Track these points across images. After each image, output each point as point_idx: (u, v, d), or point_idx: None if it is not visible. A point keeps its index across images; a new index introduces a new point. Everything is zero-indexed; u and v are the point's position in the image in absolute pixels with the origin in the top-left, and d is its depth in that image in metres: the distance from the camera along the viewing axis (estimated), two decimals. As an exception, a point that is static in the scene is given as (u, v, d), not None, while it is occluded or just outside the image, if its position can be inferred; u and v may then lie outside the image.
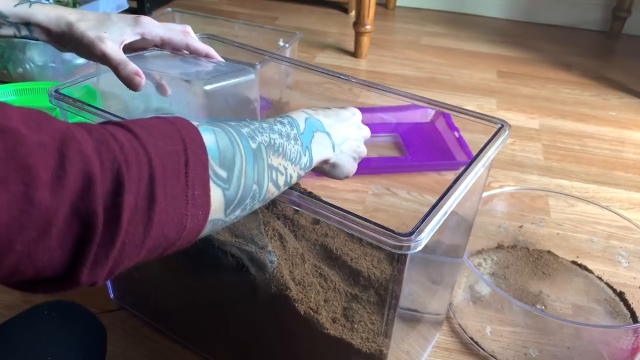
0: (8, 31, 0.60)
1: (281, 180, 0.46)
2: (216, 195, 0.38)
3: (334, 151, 0.53)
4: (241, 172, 0.41)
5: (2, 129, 0.27)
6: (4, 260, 0.28)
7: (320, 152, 0.51)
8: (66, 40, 0.61)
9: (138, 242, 0.33)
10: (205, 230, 0.39)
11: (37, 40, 0.62)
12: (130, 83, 0.59)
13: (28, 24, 0.60)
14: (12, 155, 0.27)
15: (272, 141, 0.45)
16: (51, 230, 0.28)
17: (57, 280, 0.31)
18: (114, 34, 0.61)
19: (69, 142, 0.30)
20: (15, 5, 0.59)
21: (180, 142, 0.36)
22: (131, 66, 0.59)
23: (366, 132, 0.60)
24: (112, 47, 0.60)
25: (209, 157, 0.38)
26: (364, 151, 0.59)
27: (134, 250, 0.33)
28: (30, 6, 0.60)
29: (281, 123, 0.48)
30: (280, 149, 0.45)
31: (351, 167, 0.58)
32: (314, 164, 0.51)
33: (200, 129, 0.39)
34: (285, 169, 0.46)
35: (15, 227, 0.27)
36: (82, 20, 0.60)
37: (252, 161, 0.42)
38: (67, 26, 0.60)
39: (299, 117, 0.51)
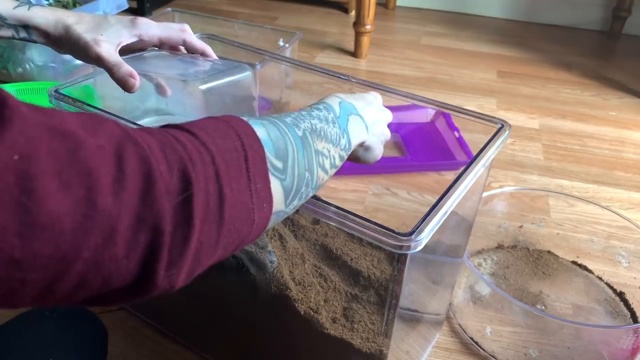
0: (6, 33, 0.61)
1: (327, 164, 0.46)
2: (276, 186, 0.39)
3: (367, 133, 0.54)
4: (294, 162, 0.41)
5: (62, 132, 0.27)
6: (71, 268, 0.27)
7: (356, 134, 0.52)
8: (63, 42, 0.61)
9: (213, 241, 0.33)
10: (270, 223, 0.39)
11: (35, 42, 0.62)
12: (124, 85, 0.59)
13: (26, 26, 0.60)
14: (73, 160, 0.26)
15: (314, 126, 0.45)
16: (116, 236, 0.28)
17: (131, 287, 0.30)
18: (111, 36, 0.61)
19: (125, 145, 0.29)
20: (14, 8, 0.60)
21: (236, 138, 0.37)
22: (125, 68, 0.59)
23: (389, 115, 0.60)
24: (108, 49, 0.60)
25: (265, 150, 0.38)
26: (389, 134, 0.60)
27: (210, 249, 0.33)
28: (29, 9, 0.60)
29: (317, 109, 0.48)
30: (322, 133, 0.46)
31: (379, 150, 0.58)
32: (353, 146, 0.52)
33: (250, 123, 0.40)
34: (329, 151, 0.46)
35: (81, 233, 0.26)
36: (79, 23, 0.61)
37: (301, 149, 0.42)
38: (65, 29, 0.60)
39: (333, 101, 0.51)
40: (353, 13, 2.23)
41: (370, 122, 0.54)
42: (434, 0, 2.40)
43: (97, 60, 0.60)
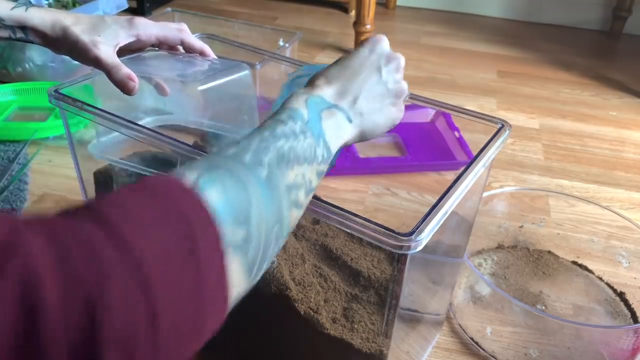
0: (3, 33, 0.61)
1: (302, 195, 0.40)
2: (235, 267, 0.33)
3: (350, 122, 0.47)
4: (259, 220, 0.34)
5: None
6: None
7: (335, 133, 0.45)
8: (61, 44, 0.61)
9: None
10: (229, 308, 0.35)
11: (32, 42, 0.62)
12: (123, 87, 0.59)
13: (24, 27, 0.60)
14: None
15: (280, 152, 0.38)
16: None
17: None
18: (108, 37, 0.61)
19: (9, 257, 0.22)
20: (12, 9, 0.59)
21: (179, 222, 0.29)
22: (124, 70, 0.59)
23: (395, 63, 0.50)
24: (106, 51, 0.60)
25: (221, 223, 0.31)
26: (401, 87, 0.50)
27: None
28: (26, 10, 0.60)
29: (281, 122, 0.41)
30: (292, 156, 0.39)
31: (388, 117, 0.50)
32: (334, 149, 0.45)
33: (200, 184, 0.32)
34: (304, 176, 0.40)
35: None
36: (76, 24, 0.60)
37: (268, 197, 0.36)
38: (62, 30, 0.60)
39: (298, 103, 0.44)
40: (353, 13, 2.23)
41: (347, 104, 0.46)
42: (434, 0, 2.40)
43: (95, 63, 0.60)
